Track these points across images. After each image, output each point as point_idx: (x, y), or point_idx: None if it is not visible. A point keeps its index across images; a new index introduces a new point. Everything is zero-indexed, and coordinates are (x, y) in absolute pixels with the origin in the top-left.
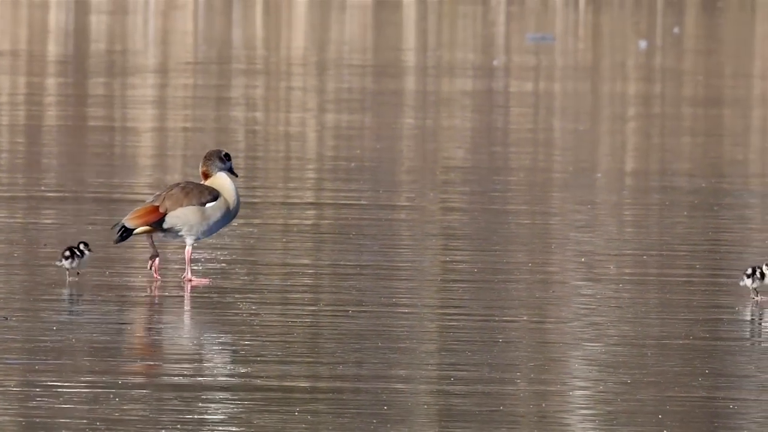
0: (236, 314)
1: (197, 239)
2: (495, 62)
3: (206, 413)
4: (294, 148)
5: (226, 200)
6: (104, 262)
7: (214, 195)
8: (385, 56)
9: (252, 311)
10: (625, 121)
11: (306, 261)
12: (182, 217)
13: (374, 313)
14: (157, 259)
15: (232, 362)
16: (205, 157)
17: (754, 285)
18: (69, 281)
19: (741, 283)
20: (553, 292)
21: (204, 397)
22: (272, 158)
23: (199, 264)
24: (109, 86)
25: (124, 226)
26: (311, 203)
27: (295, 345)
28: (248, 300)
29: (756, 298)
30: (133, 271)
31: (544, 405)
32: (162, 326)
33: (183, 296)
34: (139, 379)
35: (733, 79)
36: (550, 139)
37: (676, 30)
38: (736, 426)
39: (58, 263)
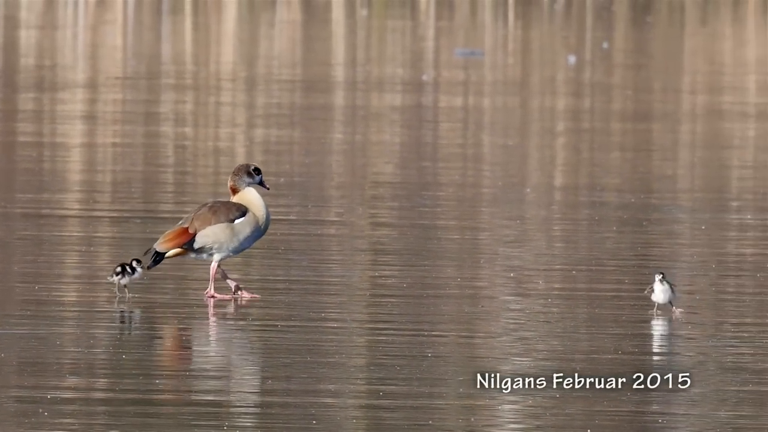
0: (166, 329)
1: (228, 256)
2: (424, 77)
3: (133, 428)
4: (223, 163)
5: (254, 215)
6: (36, 277)
7: (243, 211)
8: (314, 71)
9: (181, 326)
10: (554, 135)
11: (235, 276)
12: (212, 235)
13: (303, 328)
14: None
15: (163, 377)
16: (234, 172)
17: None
18: (119, 297)
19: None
20: (482, 307)
21: (135, 411)
22: (201, 173)
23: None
24: (38, 101)
25: (156, 251)
26: None
27: (225, 360)
28: (178, 315)
29: (674, 310)
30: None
31: (472, 419)
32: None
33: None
34: (70, 395)
35: (662, 94)
36: (480, 154)
37: (605, 45)
38: None
39: (109, 278)
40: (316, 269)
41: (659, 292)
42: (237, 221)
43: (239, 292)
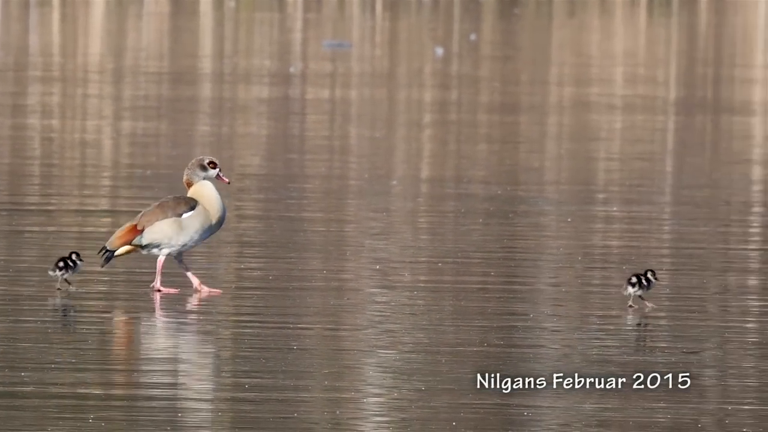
0: (32, 321)
1: (180, 250)
2: (291, 69)
3: None
4: (90, 155)
5: (205, 209)
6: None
7: (191, 205)
8: (181, 63)
9: (43, 319)
10: (421, 128)
11: (101, 269)
12: (159, 231)
13: (168, 321)
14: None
15: (26, 369)
16: (187, 166)
17: (639, 293)
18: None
19: (624, 292)
20: (348, 299)
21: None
22: (68, 166)
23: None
24: None
25: (106, 249)
26: (107, 210)
27: (90, 352)
28: (42, 308)
29: (633, 306)
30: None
31: (338, 412)
32: None
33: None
34: None
35: (529, 86)
36: (346, 146)
37: (472, 36)
38: None
39: (51, 273)
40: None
41: (630, 287)
42: (185, 215)
43: (201, 287)
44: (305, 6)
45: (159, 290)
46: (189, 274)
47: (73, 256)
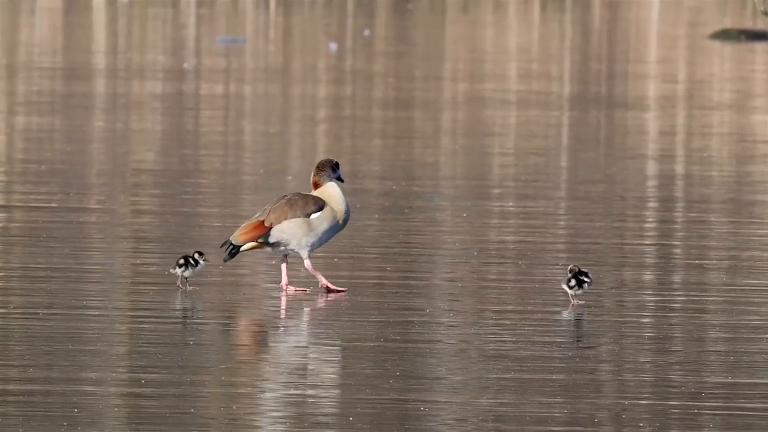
0: None
1: (309, 251)
2: (185, 65)
3: None
4: None
5: (332, 209)
6: None
7: (320, 205)
8: (74, 59)
9: None
10: (315, 123)
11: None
12: (287, 230)
13: (65, 316)
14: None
15: None
16: (318, 167)
17: (578, 291)
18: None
19: (564, 287)
20: (244, 294)
21: None
22: None
23: None
24: None
25: (231, 244)
26: (1, 206)
27: None
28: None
29: (573, 302)
30: None
31: (235, 407)
32: None
33: None
34: None
35: (423, 82)
36: (241, 142)
37: (366, 32)
38: (427, 428)
39: (171, 270)
40: (77, 257)
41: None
42: (313, 216)
43: (288, 287)
44: (198, 2)
45: (327, 288)
46: (284, 270)
47: (196, 255)
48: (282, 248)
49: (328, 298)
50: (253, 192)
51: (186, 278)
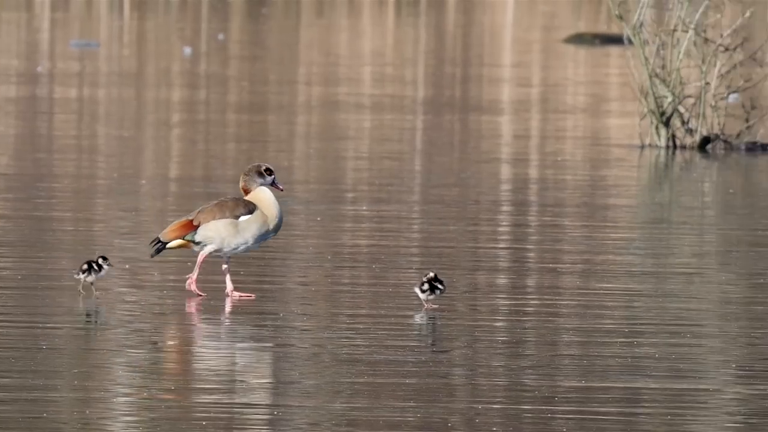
0: None
1: (233, 253)
2: (39, 69)
3: None
4: None
5: (263, 214)
6: None
7: (250, 209)
8: None
9: None
10: (169, 127)
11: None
12: (214, 230)
13: None
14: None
15: None
16: (244, 172)
17: (431, 296)
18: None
19: (417, 291)
20: (97, 298)
21: None
22: None
23: None
24: None
25: (159, 240)
26: None
27: None
28: None
29: (427, 306)
30: None
31: (87, 411)
32: None
33: None
34: None
35: (277, 86)
36: (95, 146)
37: (221, 36)
38: None
39: (75, 276)
40: None
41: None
42: (242, 218)
43: (233, 293)
44: (52, 5)
45: (196, 293)
46: (227, 277)
47: (100, 260)
48: (208, 247)
49: (236, 300)
50: (107, 196)
51: (91, 283)
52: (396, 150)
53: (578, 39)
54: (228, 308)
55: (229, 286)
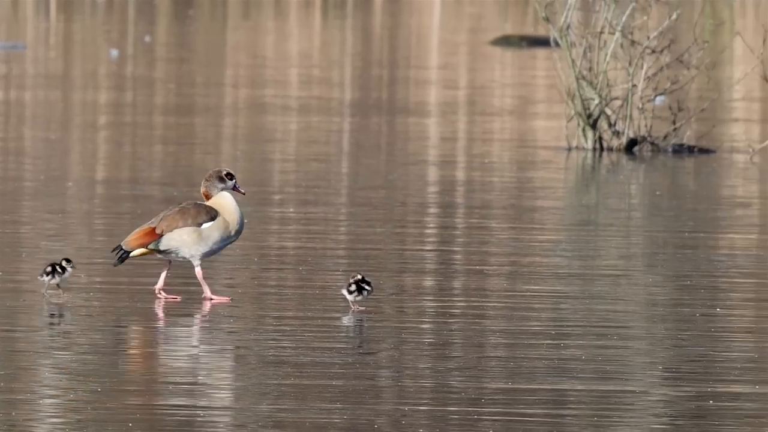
0: None
1: (200, 259)
2: None
3: None
4: None
5: (225, 220)
6: None
7: (212, 215)
8: None
9: None
10: (96, 129)
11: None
12: (178, 238)
13: None
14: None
15: None
16: (205, 178)
17: (358, 298)
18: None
19: (344, 293)
20: (24, 301)
21: None
22: None
23: None
24: None
25: (122, 248)
26: None
27: None
28: None
29: (354, 308)
30: None
31: (13, 414)
32: None
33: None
34: None
35: (204, 88)
36: (21, 148)
37: (147, 38)
38: None
39: (39, 278)
40: None
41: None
42: (205, 225)
43: (161, 293)
44: None
45: (211, 299)
46: (163, 275)
47: (63, 263)
48: (173, 255)
49: (212, 303)
50: (33, 198)
51: (58, 285)
52: (323, 152)
53: (505, 41)
54: (156, 311)
55: (159, 285)
